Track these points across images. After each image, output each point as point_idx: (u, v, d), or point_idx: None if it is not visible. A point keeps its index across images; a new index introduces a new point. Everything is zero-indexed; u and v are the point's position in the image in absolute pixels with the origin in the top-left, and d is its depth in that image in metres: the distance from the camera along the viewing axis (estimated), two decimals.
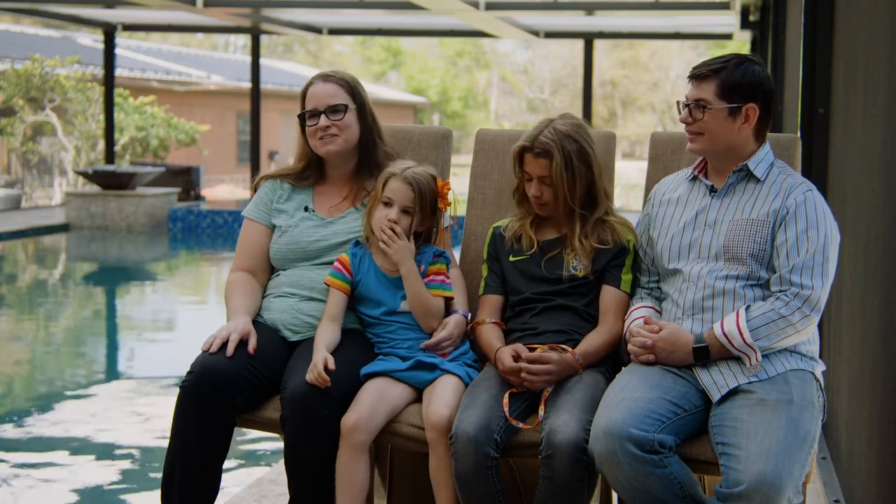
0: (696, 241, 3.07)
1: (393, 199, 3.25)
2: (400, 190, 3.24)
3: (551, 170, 3.19)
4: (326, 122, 3.36)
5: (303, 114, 3.40)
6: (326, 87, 3.39)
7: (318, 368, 3.01)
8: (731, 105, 3.00)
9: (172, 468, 3.08)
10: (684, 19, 15.82)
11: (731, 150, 3.06)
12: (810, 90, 4.95)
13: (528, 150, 3.22)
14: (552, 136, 3.20)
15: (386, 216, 3.23)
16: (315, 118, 3.38)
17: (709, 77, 3.02)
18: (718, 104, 3.00)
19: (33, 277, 12.87)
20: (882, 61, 3.34)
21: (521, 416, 3.01)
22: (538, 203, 3.26)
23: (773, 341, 2.89)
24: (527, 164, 3.24)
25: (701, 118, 3.03)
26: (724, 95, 3.00)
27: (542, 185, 3.22)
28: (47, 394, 7.13)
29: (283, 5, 15.32)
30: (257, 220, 3.46)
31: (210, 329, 3.24)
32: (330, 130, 3.36)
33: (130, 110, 22.09)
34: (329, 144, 3.38)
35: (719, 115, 3.01)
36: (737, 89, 3.00)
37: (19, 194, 19.58)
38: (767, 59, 10.09)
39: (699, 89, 3.03)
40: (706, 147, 3.07)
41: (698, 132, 3.05)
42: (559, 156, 3.18)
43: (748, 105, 3.02)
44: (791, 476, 2.64)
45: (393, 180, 3.25)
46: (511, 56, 45.98)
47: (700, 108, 3.02)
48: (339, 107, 3.38)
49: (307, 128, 3.40)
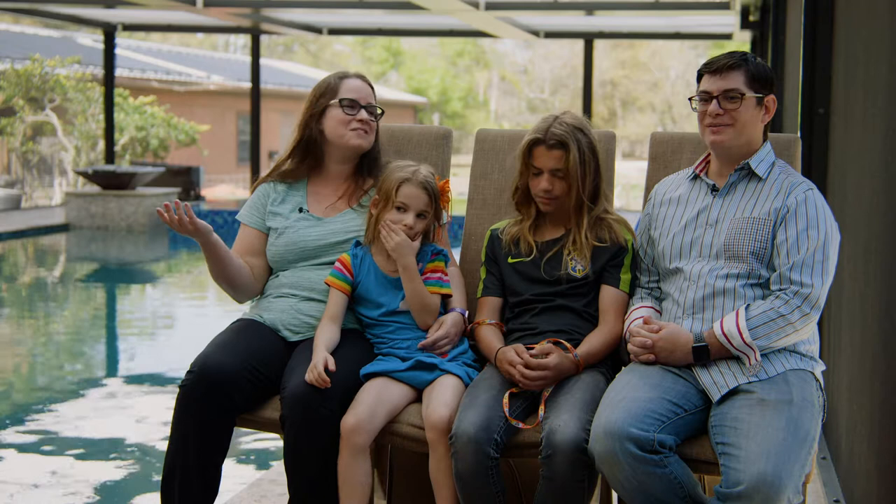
0: (698, 240, 3.08)
1: (409, 204, 3.24)
2: (416, 195, 3.24)
3: (567, 161, 3.19)
4: (367, 116, 3.40)
5: (339, 101, 3.39)
6: (366, 87, 3.46)
7: (319, 369, 3.01)
8: (758, 95, 3.03)
9: (172, 468, 3.09)
10: (684, 19, 15.83)
11: (746, 145, 3.07)
12: (810, 90, 4.96)
13: (541, 142, 3.21)
14: (565, 128, 3.20)
15: (401, 221, 3.23)
16: (355, 109, 3.39)
17: (737, 67, 3.03)
18: (750, 94, 3.02)
19: (33, 277, 12.87)
20: (882, 61, 3.34)
21: (521, 416, 3.01)
22: (547, 198, 3.24)
23: (772, 340, 2.89)
24: (537, 157, 3.23)
25: (735, 108, 3.03)
26: (752, 85, 3.03)
27: (553, 179, 3.22)
28: (47, 393, 7.13)
29: (283, 5, 15.32)
30: (251, 224, 3.46)
31: (211, 329, 3.24)
32: (365, 125, 3.40)
33: (130, 110, 22.10)
34: (361, 139, 3.40)
35: (750, 105, 3.04)
36: (761, 80, 3.04)
37: (19, 194, 19.58)
38: (767, 59, 10.09)
39: (727, 80, 3.02)
40: (731, 139, 3.06)
41: (728, 123, 3.04)
42: (574, 147, 3.19)
43: (770, 97, 3.05)
44: (791, 476, 2.64)
45: (407, 185, 3.24)
46: (511, 56, 45.99)
47: (731, 99, 3.02)
48: (375, 108, 3.45)
49: (343, 115, 3.39)
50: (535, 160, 3.23)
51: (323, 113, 3.41)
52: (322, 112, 3.41)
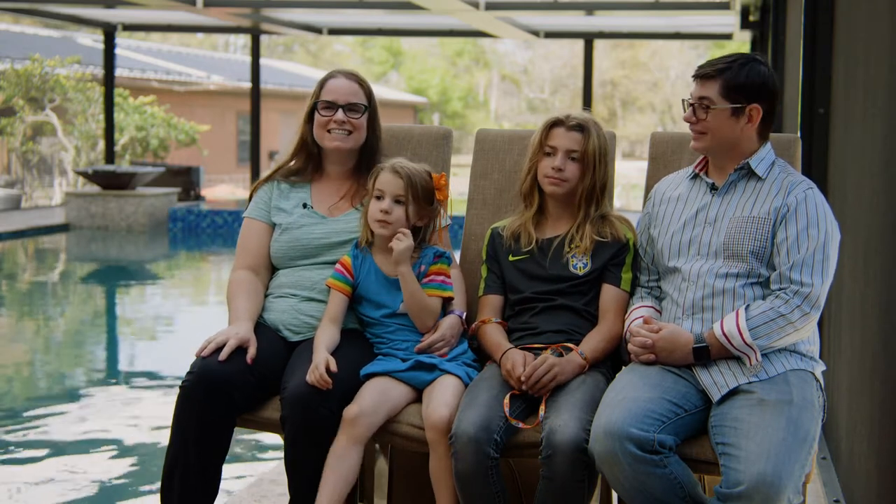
0: (697, 238, 3.08)
1: (384, 190, 3.25)
2: (389, 180, 3.24)
3: (587, 145, 3.21)
4: (343, 118, 3.38)
5: (316, 103, 3.39)
6: (349, 84, 3.42)
7: (320, 370, 3.01)
8: (735, 105, 3.00)
9: (172, 468, 3.08)
10: (684, 19, 15.82)
11: (733, 149, 3.06)
12: (810, 90, 4.96)
13: (561, 123, 3.24)
14: (585, 116, 3.25)
15: (378, 208, 3.23)
16: (331, 110, 3.38)
17: (713, 77, 3.02)
18: (722, 104, 3.01)
19: (33, 277, 12.87)
20: (882, 61, 3.34)
21: (521, 416, 3.01)
22: (557, 178, 3.23)
23: (772, 340, 2.89)
24: (555, 137, 3.24)
25: (704, 118, 3.03)
26: (727, 95, 3.01)
27: (567, 160, 3.22)
28: (46, 393, 7.13)
29: (283, 5, 15.31)
30: (257, 218, 3.45)
31: (210, 329, 3.24)
32: (345, 126, 3.38)
33: (130, 110, 22.08)
34: (337, 140, 3.39)
35: (722, 115, 3.02)
36: (741, 90, 3.00)
37: (19, 194, 19.58)
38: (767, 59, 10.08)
39: (703, 88, 3.03)
40: (709, 146, 3.07)
41: (702, 131, 3.06)
42: (595, 133, 3.21)
43: (752, 106, 3.02)
44: (791, 476, 2.64)
45: (382, 173, 3.26)
46: (511, 56, 45.98)
47: (704, 108, 3.03)
48: (357, 106, 3.41)
49: (320, 118, 3.39)
50: (551, 140, 3.24)
51: (312, 115, 3.43)
52: (311, 114, 3.43)
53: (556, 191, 3.25)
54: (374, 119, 3.47)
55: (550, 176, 3.24)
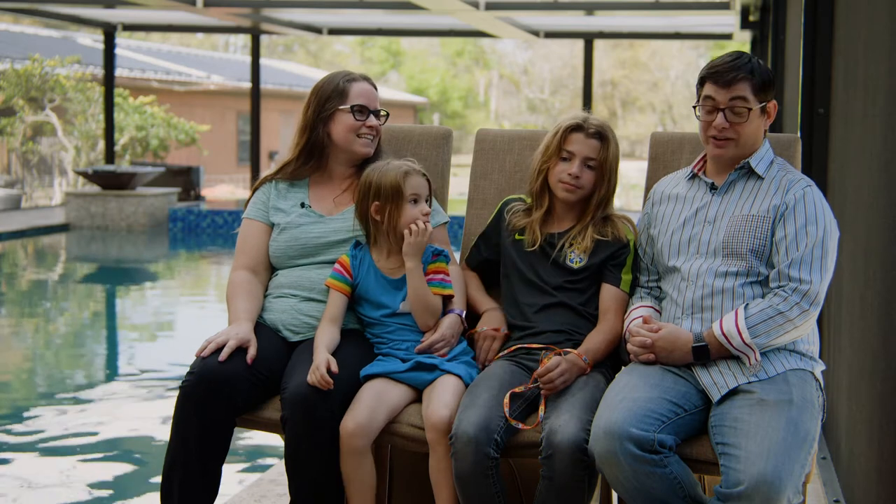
0: (696, 237, 3.07)
1: (420, 194, 3.26)
2: (423, 184, 3.27)
3: (607, 153, 3.21)
4: (375, 122, 3.41)
5: (351, 106, 3.38)
6: (372, 90, 3.45)
7: (321, 371, 3.01)
8: (762, 104, 2.99)
9: (172, 468, 3.08)
10: (684, 19, 15.82)
11: (748, 151, 3.05)
12: (810, 90, 4.95)
13: (580, 129, 3.22)
14: (602, 123, 3.24)
15: (421, 211, 3.24)
16: (364, 114, 3.39)
17: (743, 79, 2.96)
18: (756, 105, 2.98)
19: (33, 277, 12.87)
20: (882, 61, 3.34)
21: (521, 416, 3.01)
22: (573, 185, 3.22)
23: (771, 338, 2.89)
24: (572, 143, 3.22)
25: (741, 122, 2.97)
26: (757, 94, 2.98)
27: (584, 167, 3.21)
28: (46, 393, 7.13)
29: (283, 5, 15.31)
30: (256, 218, 3.45)
31: (210, 329, 3.24)
32: (373, 131, 3.41)
33: (130, 110, 22.08)
34: (368, 146, 3.42)
35: (755, 117, 2.99)
36: (767, 86, 2.99)
37: (19, 194, 19.58)
38: (767, 59, 10.09)
39: (734, 90, 2.96)
40: (737, 153, 3.03)
41: (732, 137, 2.99)
42: (613, 143, 3.22)
43: (771, 102, 3.01)
44: (791, 476, 2.64)
45: (414, 177, 3.25)
46: (511, 56, 45.99)
47: (737, 113, 2.96)
48: (383, 112, 3.45)
49: (353, 122, 3.38)
50: (568, 144, 3.23)
51: (332, 116, 3.41)
52: (331, 115, 3.41)
53: (570, 197, 3.25)
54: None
55: (566, 182, 3.22)
